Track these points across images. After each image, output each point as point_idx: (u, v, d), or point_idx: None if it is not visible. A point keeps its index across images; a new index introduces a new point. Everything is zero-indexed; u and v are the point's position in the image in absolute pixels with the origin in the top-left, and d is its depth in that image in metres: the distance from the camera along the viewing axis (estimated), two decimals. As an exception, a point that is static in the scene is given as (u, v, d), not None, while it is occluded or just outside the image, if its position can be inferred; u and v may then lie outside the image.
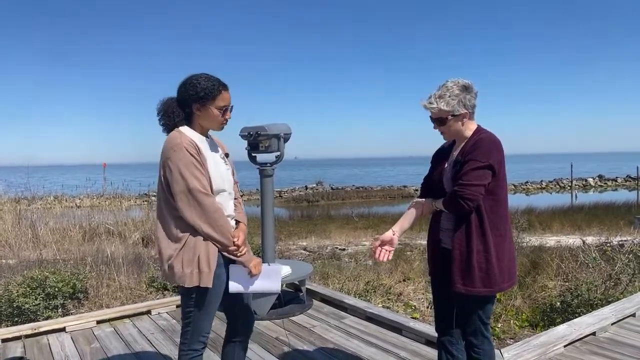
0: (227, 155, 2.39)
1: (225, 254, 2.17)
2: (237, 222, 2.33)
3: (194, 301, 2.16)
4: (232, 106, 2.25)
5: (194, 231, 2.09)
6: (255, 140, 4.03)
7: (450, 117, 2.17)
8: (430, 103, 2.18)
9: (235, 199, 2.36)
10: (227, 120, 2.25)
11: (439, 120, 2.21)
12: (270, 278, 2.28)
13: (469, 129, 2.23)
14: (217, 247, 2.13)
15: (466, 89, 2.18)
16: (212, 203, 2.10)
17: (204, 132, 2.26)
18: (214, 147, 2.30)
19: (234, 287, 2.24)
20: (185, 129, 2.18)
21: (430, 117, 2.24)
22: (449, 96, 2.15)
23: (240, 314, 2.38)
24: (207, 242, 2.10)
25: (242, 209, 2.40)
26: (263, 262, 2.32)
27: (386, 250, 2.26)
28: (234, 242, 2.15)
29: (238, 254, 2.18)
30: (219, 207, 2.14)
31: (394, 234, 2.26)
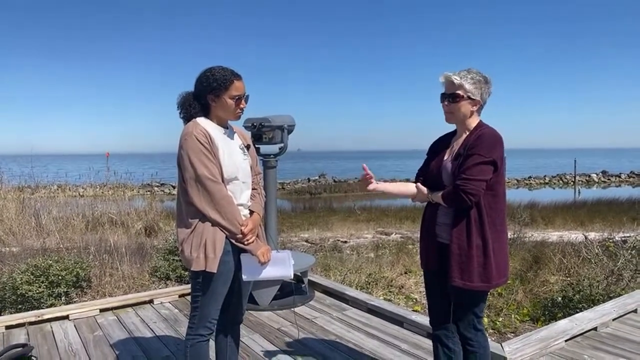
0: (248, 147, 2.43)
1: (233, 241, 2.21)
2: (252, 212, 2.36)
3: (200, 285, 2.22)
4: (247, 95, 2.30)
5: (203, 217, 2.15)
6: (259, 132, 4.02)
7: (466, 97, 2.16)
8: (455, 76, 2.16)
9: (254, 189, 2.41)
10: (242, 110, 2.30)
11: (453, 96, 2.17)
12: (281, 264, 2.32)
13: (473, 122, 2.22)
14: (224, 233, 2.17)
15: (487, 81, 2.20)
16: (220, 190, 2.15)
17: (222, 123, 2.31)
18: (231, 137, 2.34)
19: (247, 275, 2.29)
20: (200, 120, 2.25)
21: (444, 93, 2.21)
22: (472, 78, 2.15)
23: (232, 301, 2.40)
24: (215, 228, 2.16)
25: (260, 200, 2.43)
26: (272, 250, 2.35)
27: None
28: (241, 229, 2.19)
29: (245, 242, 2.22)
30: (227, 195, 2.18)
31: (377, 183, 2.30)
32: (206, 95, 2.23)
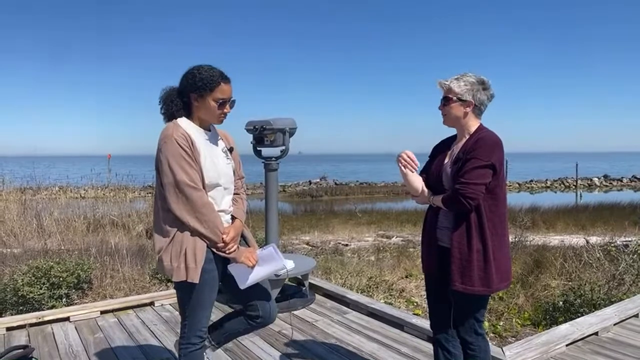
0: (231, 149, 2.31)
1: (214, 250, 2.11)
2: (234, 218, 2.26)
3: (185, 296, 2.14)
4: (233, 100, 2.17)
5: (182, 225, 2.04)
6: (261, 134, 4.03)
7: (455, 99, 2.18)
8: (445, 81, 2.22)
9: (236, 194, 2.30)
10: (225, 114, 2.17)
11: (445, 99, 2.22)
12: (271, 260, 2.25)
13: (472, 125, 2.22)
14: (204, 242, 2.08)
15: (482, 83, 2.20)
16: (201, 197, 2.04)
17: (204, 125, 2.19)
18: (214, 140, 2.23)
19: (242, 283, 2.21)
20: (182, 121, 2.13)
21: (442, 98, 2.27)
22: (463, 81, 2.18)
23: (250, 297, 2.28)
24: (195, 236, 2.05)
25: (242, 205, 2.32)
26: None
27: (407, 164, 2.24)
28: (222, 238, 2.09)
29: (226, 251, 2.12)
30: (208, 202, 2.07)
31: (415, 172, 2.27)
32: (189, 94, 2.11)
